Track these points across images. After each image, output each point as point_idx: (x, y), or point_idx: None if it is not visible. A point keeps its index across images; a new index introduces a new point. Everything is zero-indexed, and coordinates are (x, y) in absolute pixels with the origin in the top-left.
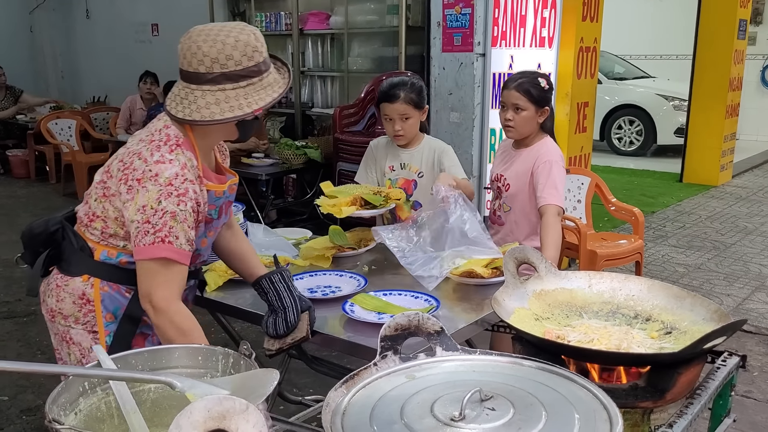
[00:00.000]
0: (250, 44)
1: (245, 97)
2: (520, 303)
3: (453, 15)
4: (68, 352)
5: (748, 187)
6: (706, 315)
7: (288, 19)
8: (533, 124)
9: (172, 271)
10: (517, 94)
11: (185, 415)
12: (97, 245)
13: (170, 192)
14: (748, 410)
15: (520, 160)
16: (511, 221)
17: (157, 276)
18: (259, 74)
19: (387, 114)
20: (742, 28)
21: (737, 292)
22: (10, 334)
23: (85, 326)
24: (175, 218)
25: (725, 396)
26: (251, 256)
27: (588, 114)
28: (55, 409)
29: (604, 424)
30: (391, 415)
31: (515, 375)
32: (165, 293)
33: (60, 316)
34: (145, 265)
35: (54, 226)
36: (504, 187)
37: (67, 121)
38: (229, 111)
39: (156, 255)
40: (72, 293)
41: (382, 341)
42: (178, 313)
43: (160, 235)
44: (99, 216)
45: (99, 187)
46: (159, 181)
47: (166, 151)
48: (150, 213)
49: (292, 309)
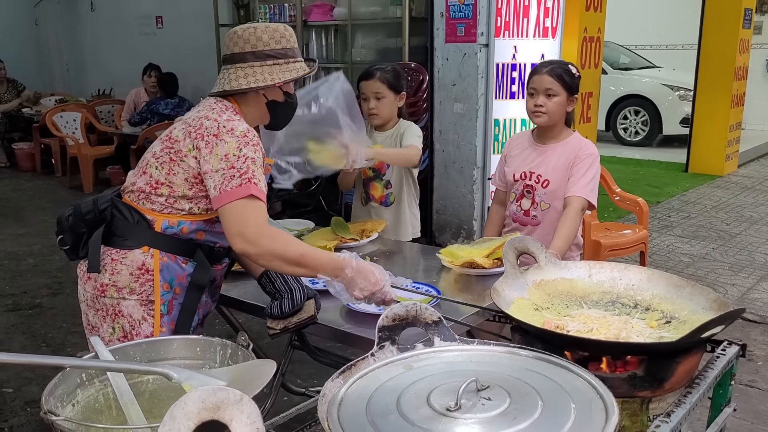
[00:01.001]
0: (278, 31)
1: (270, 74)
2: (519, 293)
3: (456, 6)
4: (112, 326)
5: (754, 176)
6: (706, 304)
7: (292, 10)
8: (563, 112)
9: (258, 207)
10: (550, 78)
11: (179, 406)
12: (157, 215)
13: (247, 141)
14: (752, 400)
15: (555, 154)
16: (550, 220)
17: (247, 211)
18: (285, 57)
19: (363, 92)
20: (747, 17)
21: (742, 281)
22: (15, 327)
23: (140, 296)
24: (255, 162)
25: (725, 385)
26: None
27: (592, 104)
28: (51, 400)
29: (600, 413)
30: (387, 405)
31: (512, 365)
32: (255, 221)
33: (113, 289)
34: (232, 208)
35: (104, 205)
36: (541, 184)
37: (72, 113)
38: (254, 83)
39: (245, 194)
40: (130, 265)
41: (380, 332)
42: (274, 231)
43: (246, 176)
44: (164, 183)
45: (163, 154)
46: (235, 133)
47: (231, 114)
48: (233, 159)
49: (300, 291)
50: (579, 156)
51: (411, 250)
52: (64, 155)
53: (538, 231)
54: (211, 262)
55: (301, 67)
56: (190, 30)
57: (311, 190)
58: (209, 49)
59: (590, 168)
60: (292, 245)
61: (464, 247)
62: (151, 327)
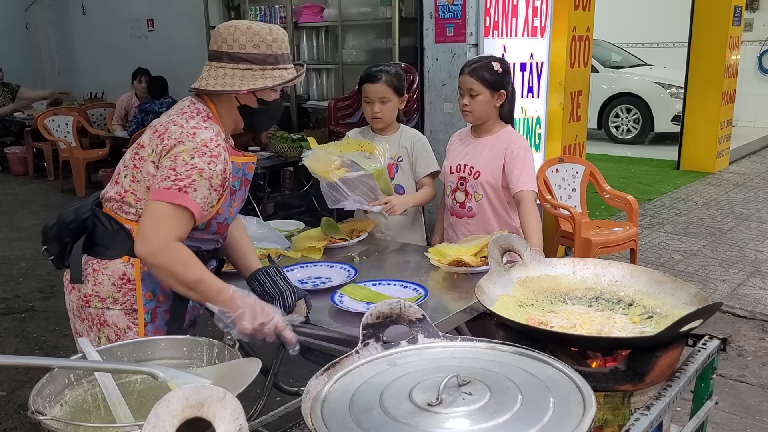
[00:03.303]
0: (259, 34)
1: (241, 78)
2: (504, 290)
3: (445, 6)
4: (98, 336)
5: (745, 173)
6: (687, 299)
7: (282, 12)
8: (489, 108)
9: (178, 219)
10: (471, 79)
11: (163, 404)
12: (134, 225)
13: (204, 152)
14: (742, 394)
15: (486, 147)
16: (484, 210)
17: (163, 219)
18: (262, 63)
19: (367, 95)
20: (737, 15)
21: (732, 277)
22: (8, 330)
23: (123, 306)
24: (202, 174)
25: (707, 379)
26: (250, 250)
27: (582, 103)
28: (39, 400)
29: (578, 406)
30: (370, 401)
31: (494, 360)
32: (165, 234)
33: (97, 299)
34: (153, 207)
35: (85, 214)
36: (473, 175)
37: (64, 117)
38: (222, 85)
39: (170, 199)
40: (111, 275)
41: (364, 329)
42: (180, 248)
43: (179, 183)
44: (129, 190)
45: (130, 161)
46: (196, 139)
47: (200, 120)
48: (180, 163)
49: (290, 293)
50: (509, 149)
51: (400, 249)
52: (57, 159)
53: (474, 223)
54: None
55: (279, 76)
56: (181, 32)
57: (304, 191)
58: (200, 51)
59: (525, 160)
60: (191, 269)
61: (452, 246)
62: (136, 336)
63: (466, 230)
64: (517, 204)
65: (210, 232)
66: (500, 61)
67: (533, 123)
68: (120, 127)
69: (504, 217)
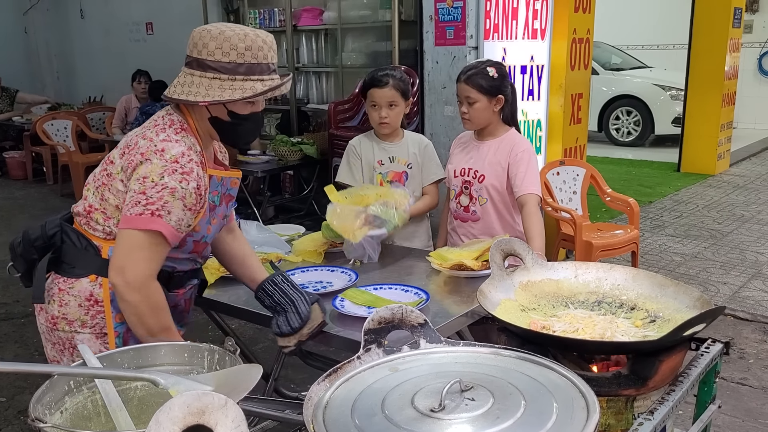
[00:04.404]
0: (230, 41)
1: (207, 88)
2: (506, 294)
3: (445, 9)
4: (71, 360)
5: (746, 175)
6: (689, 303)
7: (281, 15)
8: (489, 114)
9: (155, 246)
10: (467, 86)
11: (164, 411)
12: (103, 242)
13: (175, 169)
14: (743, 397)
15: (490, 151)
16: (489, 214)
17: (137, 249)
18: (231, 73)
19: (374, 100)
20: (737, 17)
21: (734, 280)
22: (8, 336)
23: (92, 329)
24: (174, 194)
25: (710, 382)
26: (253, 260)
27: (582, 105)
28: (39, 408)
29: (581, 411)
30: (372, 407)
31: (496, 365)
32: (143, 269)
33: (64, 321)
34: (126, 237)
35: (52, 230)
36: (477, 179)
37: (62, 121)
38: (185, 94)
39: (144, 226)
40: (78, 295)
41: (366, 334)
42: (155, 290)
43: (151, 207)
44: (97, 208)
45: (100, 176)
46: (165, 156)
47: (171, 133)
48: (149, 185)
49: (301, 300)
50: (513, 153)
51: (401, 253)
52: (56, 163)
53: (478, 227)
54: (170, 288)
55: (250, 88)
56: (180, 36)
57: (304, 195)
58: None
59: (529, 164)
60: (161, 315)
61: (453, 250)
62: None
63: (470, 234)
64: (520, 207)
65: (185, 251)
66: (496, 66)
67: (534, 126)
68: (119, 130)
69: (508, 221)
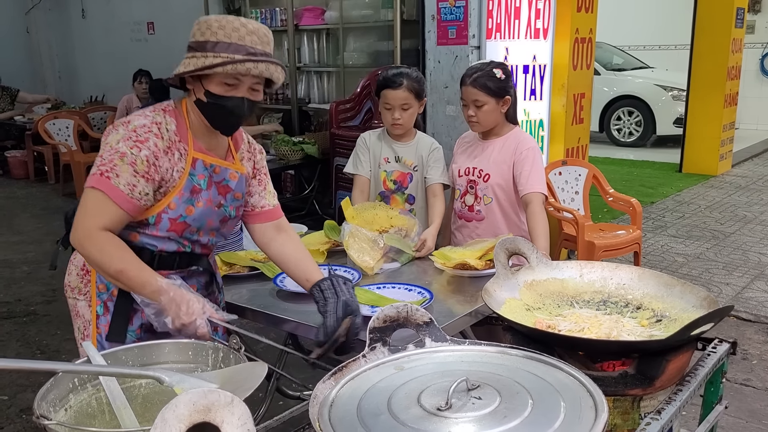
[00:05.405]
0: (208, 22)
1: (185, 66)
2: (511, 294)
3: (447, 8)
4: (77, 326)
5: (748, 176)
6: (696, 302)
7: (283, 15)
8: (496, 116)
9: (101, 203)
10: (474, 90)
11: (170, 408)
12: None
13: (130, 137)
14: (747, 398)
15: (495, 150)
16: (494, 213)
17: (87, 205)
18: (202, 50)
19: (388, 101)
20: (739, 17)
21: (736, 281)
22: (10, 334)
23: (86, 297)
24: (123, 159)
25: (716, 383)
26: (307, 262)
27: (585, 105)
28: (44, 405)
29: (589, 411)
30: (378, 406)
31: (503, 364)
32: (89, 222)
33: (70, 289)
34: (83, 195)
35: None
36: (482, 178)
37: (64, 121)
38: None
39: (90, 184)
40: (77, 265)
41: (371, 333)
42: (105, 239)
43: (101, 168)
44: None
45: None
46: (128, 127)
47: (148, 111)
48: (106, 150)
49: (332, 315)
50: (518, 151)
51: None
52: (57, 162)
53: (483, 226)
54: (157, 268)
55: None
56: (182, 35)
57: (305, 194)
58: None
59: (534, 162)
60: (114, 259)
61: (457, 249)
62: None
63: (474, 234)
64: (524, 206)
65: (162, 228)
66: (501, 67)
67: (536, 126)
68: None
69: (514, 220)
